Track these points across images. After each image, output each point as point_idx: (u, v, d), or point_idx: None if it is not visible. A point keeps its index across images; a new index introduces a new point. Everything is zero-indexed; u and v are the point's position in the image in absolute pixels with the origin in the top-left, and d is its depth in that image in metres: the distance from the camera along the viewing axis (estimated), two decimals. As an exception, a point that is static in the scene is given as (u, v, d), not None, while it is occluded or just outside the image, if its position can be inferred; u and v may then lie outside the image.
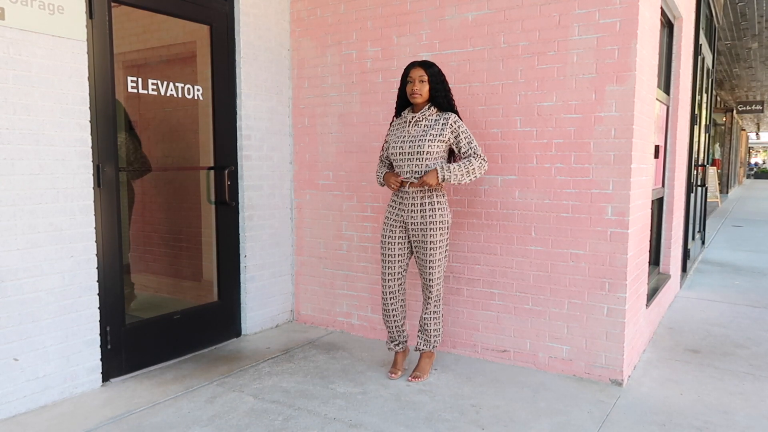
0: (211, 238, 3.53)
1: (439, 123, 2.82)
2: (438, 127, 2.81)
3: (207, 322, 3.42)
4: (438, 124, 2.82)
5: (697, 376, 3.04)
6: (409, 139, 2.84)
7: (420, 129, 2.83)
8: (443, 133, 2.80)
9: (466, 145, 2.81)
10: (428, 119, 2.84)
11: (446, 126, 2.80)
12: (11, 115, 2.42)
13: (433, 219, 2.83)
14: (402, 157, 2.86)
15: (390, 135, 2.97)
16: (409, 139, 2.84)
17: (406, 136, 2.86)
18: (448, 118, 2.81)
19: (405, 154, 2.84)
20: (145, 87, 3.07)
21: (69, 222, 2.65)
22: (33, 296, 2.53)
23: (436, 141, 2.79)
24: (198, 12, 3.29)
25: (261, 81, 3.65)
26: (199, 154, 3.50)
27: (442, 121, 2.81)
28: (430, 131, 2.81)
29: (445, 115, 2.83)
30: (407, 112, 2.91)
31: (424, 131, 2.82)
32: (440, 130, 2.80)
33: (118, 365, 2.93)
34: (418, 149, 2.81)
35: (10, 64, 2.40)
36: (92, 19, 2.71)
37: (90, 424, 2.42)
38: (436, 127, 2.81)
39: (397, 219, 2.92)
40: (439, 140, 2.79)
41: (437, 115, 2.84)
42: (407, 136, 2.86)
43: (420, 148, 2.80)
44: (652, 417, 2.54)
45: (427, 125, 2.83)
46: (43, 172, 2.54)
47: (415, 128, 2.85)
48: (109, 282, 2.86)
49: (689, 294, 4.88)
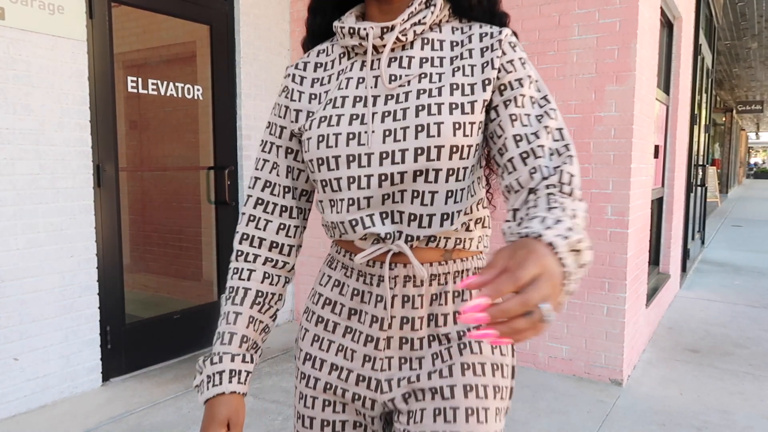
0: (211, 238, 3.53)
1: (470, 52, 0.80)
2: (466, 64, 0.80)
3: (207, 322, 3.42)
4: (465, 55, 0.80)
5: (696, 375, 3.04)
6: (383, 105, 0.79)
7: (412, 74, 0.80)
8: (483, 84, 0.78)
9: (531, 129, 0.74)
10: (432, 42, 0.82)
11: (492, 62, 0.78)
12: (11, 115, 2.42)
13: (479, 355, 0.82)
14: (357, 171, 0.78)
15: (296, 106, 0.86)
16: (385, 108, 0.79)
17: (368, 98, 0.80)
18: (498, 38, 0.79)
19: (368, 161, 0.78)
20: (145, 87, 3.07)
21: (69, 222, 2.65)
22: (33, 296, 2.53)
23: (468, 106, 0.77)
24: (198, 12, 3.29)
25: (261, 81, 3.65)
26: (199, 154, 3.50)
27: (482, 46, 0.80)
28: (446, 77, 0.79)
29: (485, 30, 0.81)
30: (353, 18, 0.84)
31: (431, 77, 0.79)
32: (475, 74, 0.79)
33: (118, 365, 2.93)
34: (419, 140, 0.76)
35: (10, 64, 2.40)
36: (92, 19, 2.71)
37: (90, 424, 2.42)
38: (463, 65, 0.80)
39: (344, 382, 0.85)
40: (471, 103, 0.77)
41: (461, 30, 0.83)
42: (376, 98, 0.80)
43: (429, 135, 0.75)
44: (652, 417, 2.54)
45: (429, 60, 0.81)
46: (43, 172, 2.54)
47: (395, 69, 0.80)
48: (109, 282, 2.86)
49: (689, 294, 4.88)
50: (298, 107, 0.87)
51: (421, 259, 0.81)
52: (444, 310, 0.82)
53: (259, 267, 0.87)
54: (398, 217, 0.79)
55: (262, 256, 0.87)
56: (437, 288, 0.82)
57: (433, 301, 0.82)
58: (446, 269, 0.82)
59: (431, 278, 0.81)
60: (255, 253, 0.87)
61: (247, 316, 0.85)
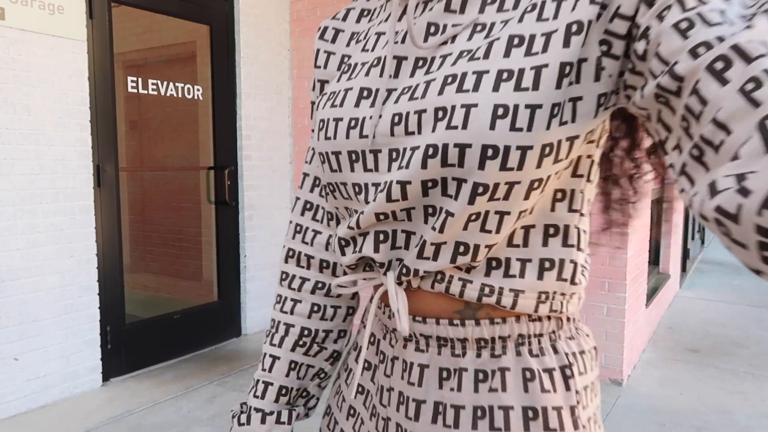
0: (211, 238, 3.53)
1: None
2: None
3: (207, 322, 3.42)
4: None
5: (696, 375, 3.04)
6: (407, 75, 0.51)
7: (463, 23, 0.49)
8: (567, 31, 0.43)
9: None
10: None
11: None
12: (11, 115, 2.42)
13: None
14: (363, 176, 0.53)
15: (320, 75, 0.64)
16: (410, 80, 0.50)
17: (386, 63, 0.51)
18: None
19: (374, 162, 0.52)
20: (145, 87, 3.07)
21: (69, 222, 2.65)
22: (33, 296, 2.53)
23: (529, 75, 0.43)
24: (198, 12, 3.29)
25: (261, 81, 3.65)
26: (199, 153, 3.50)
27: None
28: (509, 26, 0.46)
29: None
30: None
31: (489, 28, 0.47)
32: (561, 13, 0.43)
33: (118, 365, 2.93)
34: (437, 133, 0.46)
35: (10, 64, 2.40)
36: (92, 19, 2.71)
37: (90, 424, 2.42)
38: (540, 1, 0.45)
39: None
40: (536, 70, 0.43)
41: None
42: (399, 64, 0.51)
43: (450, 126, 0.45)
44: (652, 416, 2.54)
45: (497, 1, 0.48)
46: (43, 172, 2.54)
47: (438, 16, 0.50)
48: (109, 282, 2.86)
49: (689, 293, 4.88)
50: (322, 76, 0.64)
51: (424, 308, 0.52)
52: (455, 399, 0.51)
53: (306, 296, 0.65)
54: (402, 240, 0.51)
55: (311, 281, 0.65)
56: (449, 360, 0.52)
57: (442, 380, 0.52)
58: (463, 333, 0.51)
59: (440, 343, 0.52)
60: (302, 276, 0.65)
61: (287, 362, 0.64)
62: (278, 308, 0.66)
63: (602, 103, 0.44)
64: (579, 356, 0.53)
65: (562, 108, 0.43)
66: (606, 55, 0.42)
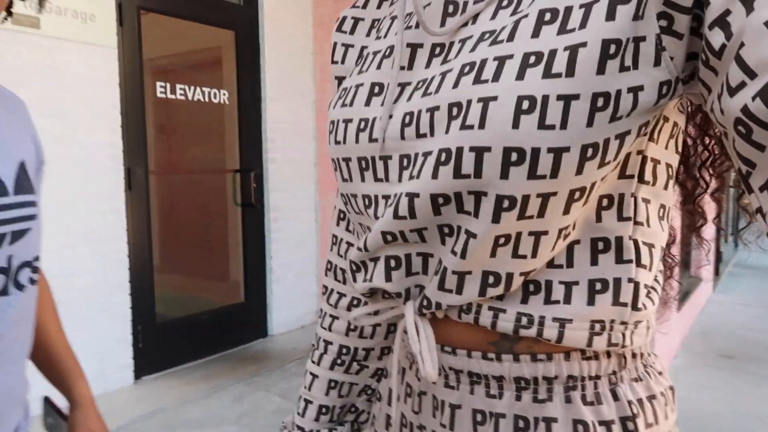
0: (238, 240, 3.58)
1: None
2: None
3: (234, 323, 3.47)
4: None
5: (730, 382, 2.95)
6: (422, 66, 0.44)
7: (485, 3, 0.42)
8: (611, 6, 0.35)
9: None
10: None
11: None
12: (46, 120, 2.49)
13: None
14: (373, 186, 0.47)
15: (337, 71, 0.58)
16: (425, 72, 0.43)
17: (398, 53, 0.45)
18: None
19: (384, 170, 0.45)
20: (173, 92, 3.13)
21: (101, 223, 2.71)
22: (66, 295, 2.60)
23: (561, 59, 0.35)
24: (223, 18, 3.34)
25: (285, 84, 3.69)
26: (225, 157, 3.56)
27: None
28: (537, 2, 0.38)
29: None
30: None
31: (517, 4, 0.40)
32: None
33: (149, 364, 2.99)
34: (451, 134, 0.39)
35: (44, 71, 2.48)
36: (122, 26, 2.78)
37: (123, 420, 2.47)
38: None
39: None
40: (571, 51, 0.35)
41: None
42: (413, 52, 0.45)
43: (465, 126, 0.38)
44: (684, 423, 2.47)
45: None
46: (75, 175, 2.61)
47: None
48: (139, 282, 2.92)
49: (722, 298, 4.74)
50: (340, 72, 0.56)
51: (453, 336, 0.45)
52: None
53: (343, 313, 0.60)
54: (419, 264, 0.45)
55: (347, 297, 0.59)
56: (483, 401, 0.44)
57: (476, 424, 0.44)
58: (499, 369, 0.43)
59: (472, 380, 0.45)
60: (339, 291, 0.60)
61: (325, 380, 0.61)
62: (320, 323, 0.63)
63: (665, 94, 0.35)
64: (647, 403, 0.43)
65: (611, 100, 0.34)
66: (666, 31, 0.33)
